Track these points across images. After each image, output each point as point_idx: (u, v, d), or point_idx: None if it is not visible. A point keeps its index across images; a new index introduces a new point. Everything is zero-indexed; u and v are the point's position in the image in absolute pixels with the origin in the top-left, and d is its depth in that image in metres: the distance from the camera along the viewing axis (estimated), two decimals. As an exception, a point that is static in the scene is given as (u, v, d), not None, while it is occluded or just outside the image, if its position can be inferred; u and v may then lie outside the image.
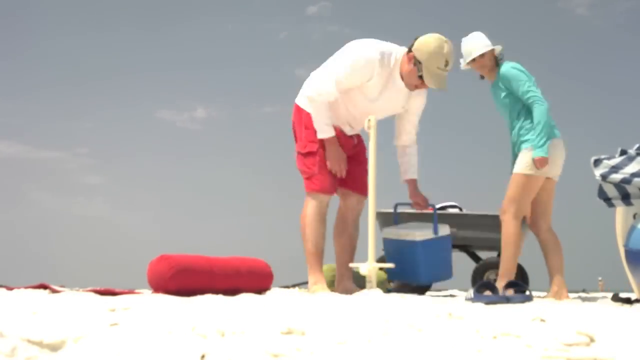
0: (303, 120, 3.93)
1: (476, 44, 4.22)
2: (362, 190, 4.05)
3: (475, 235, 4.95)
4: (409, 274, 4.17)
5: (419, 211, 5.00)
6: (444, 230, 4.28)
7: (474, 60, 4.21)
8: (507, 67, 4.15)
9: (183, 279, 3.30)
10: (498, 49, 4.25)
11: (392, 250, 4.21)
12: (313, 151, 3.90)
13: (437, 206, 5.21)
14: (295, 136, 4.05)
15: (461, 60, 4.28)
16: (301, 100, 3.98)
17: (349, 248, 4.06)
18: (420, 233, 4.13)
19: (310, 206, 3.89)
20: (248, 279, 3.62)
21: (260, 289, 3.74)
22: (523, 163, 4.07)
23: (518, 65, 4.17)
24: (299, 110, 3.98)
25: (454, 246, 5.07)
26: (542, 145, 4.02)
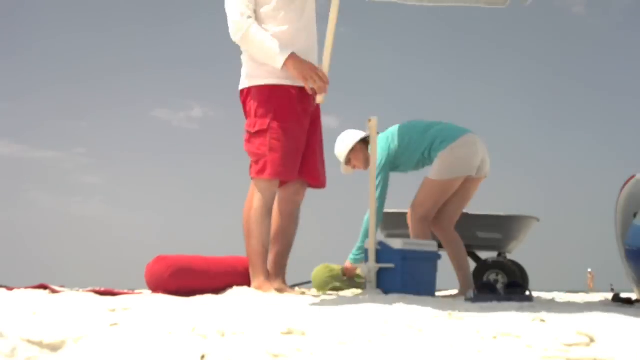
0: (251, 95, 3.35)
1: (340, 147, 4.17)
2: (310, 177, 3.47)
3: (474, 236, 4.94)
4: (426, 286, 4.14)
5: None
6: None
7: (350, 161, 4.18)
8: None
9: (181, 279, 3.30)
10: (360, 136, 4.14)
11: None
12: (263, 129, 3.28)
13: None
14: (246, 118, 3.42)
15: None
16: (244, 83, 3.39)
17: (283, 243, 3.49)
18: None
19: (257, 197, 3.30)
20: (245, 278, 3.62)
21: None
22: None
23: (381, 138, 4.06)
24: (242, 93, 3.40)
25: None
26: (356, 255, 4.12)
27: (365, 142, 4.16)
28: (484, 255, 5.25)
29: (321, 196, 3.65)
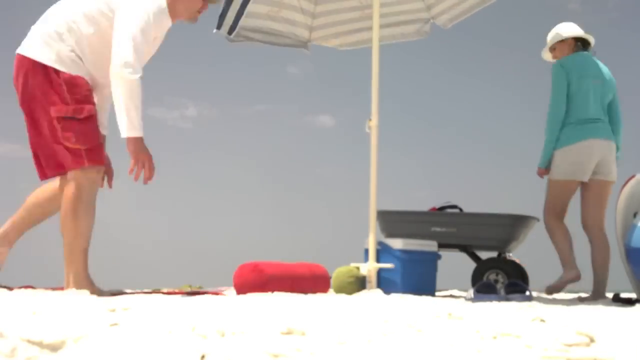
0: (61, 79, 3.16)
1: (552, 34, 4.41)
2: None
3: (474, 235, 4.94)
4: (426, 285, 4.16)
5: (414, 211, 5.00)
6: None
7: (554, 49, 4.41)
8: (556, 64, 4.25)
9: (273, 287, 3.64)
10: (589, 41, 4.35)
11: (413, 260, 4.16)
12: (93, 115, 3.19)
13: (437, 207, 5.20)
14: (41, 100, 3.18)
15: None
16: (44, 54, 3.18)
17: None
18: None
19: (84, 186, 3.15)
20: (320, 284, 4.01)
21: (324, 292, 4.12)
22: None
23: (567, 62, 4.22)
24: (43, 68, 3.17)
25: (455, 246, 5.06)
26: (543, 158, 4.21)
27: (577, 40, 4.35)
28: (484, 255, 5.25)
29: (303, 197, 3.77)
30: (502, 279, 4.90)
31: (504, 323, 1.62)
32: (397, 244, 4.06)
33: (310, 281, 3.93)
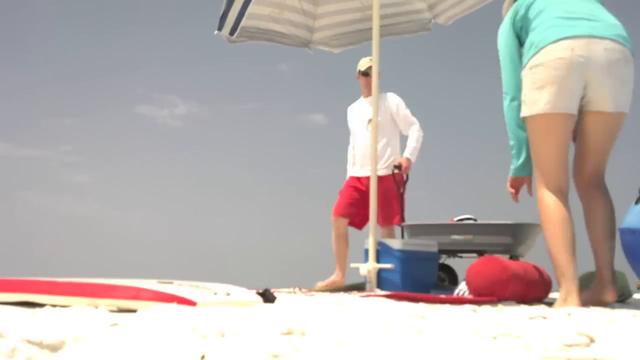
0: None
1: None
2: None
3: (488, 242, 4.98)
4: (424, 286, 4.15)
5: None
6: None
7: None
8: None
9: (514, 286, 3.21)
10: None
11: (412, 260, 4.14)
12: None
13: (455, 219, 5.23)
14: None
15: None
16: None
17: None
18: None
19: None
20: (546, 288, 3.51)
21: (545, 298, 3.60)
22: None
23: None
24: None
25: (472, 251, 5.10)
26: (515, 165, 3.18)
27: None
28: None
29: (298, 196, 3.71)
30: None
31: (504, 323, 1.62)
32: (396, 244, 4.06)
33: (540, 287, 3.42)
